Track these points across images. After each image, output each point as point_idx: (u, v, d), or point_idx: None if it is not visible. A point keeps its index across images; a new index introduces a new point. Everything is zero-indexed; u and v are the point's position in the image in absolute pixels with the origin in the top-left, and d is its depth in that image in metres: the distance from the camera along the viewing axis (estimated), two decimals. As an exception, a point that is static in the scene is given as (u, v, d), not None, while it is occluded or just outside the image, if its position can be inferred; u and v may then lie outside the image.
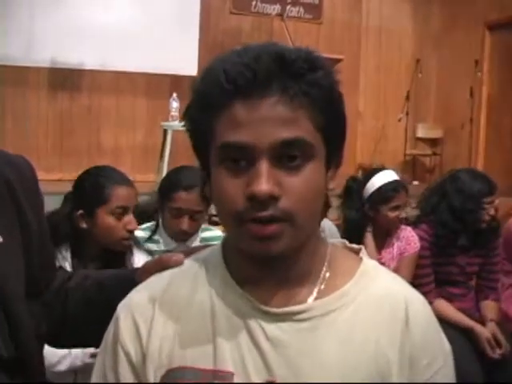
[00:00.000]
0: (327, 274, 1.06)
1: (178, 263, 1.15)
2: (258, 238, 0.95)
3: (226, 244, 1.12)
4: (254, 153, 0.94)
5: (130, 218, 2.47)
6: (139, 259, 2.59)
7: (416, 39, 9.74)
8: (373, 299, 1.04)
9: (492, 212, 3.32)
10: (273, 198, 0.93)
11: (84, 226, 2.45)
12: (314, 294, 1.04)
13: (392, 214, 3.28)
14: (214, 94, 0.96)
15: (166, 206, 2.81)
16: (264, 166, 0.93)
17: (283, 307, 1.01)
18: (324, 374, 0.98)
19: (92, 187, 2.47)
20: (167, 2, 8.06)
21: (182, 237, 2.83)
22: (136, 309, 1.07)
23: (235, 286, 1.05)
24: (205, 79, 0.99)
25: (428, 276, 3.31)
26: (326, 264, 1.07)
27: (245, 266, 1.04)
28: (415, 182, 8.96)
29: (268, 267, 1.02)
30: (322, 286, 1.05)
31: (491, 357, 3.11)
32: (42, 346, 1.24)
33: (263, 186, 0.92)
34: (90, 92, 8.02)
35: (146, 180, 7.30)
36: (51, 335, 1.33)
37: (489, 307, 3.43)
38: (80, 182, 2.54)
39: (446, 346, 1.08)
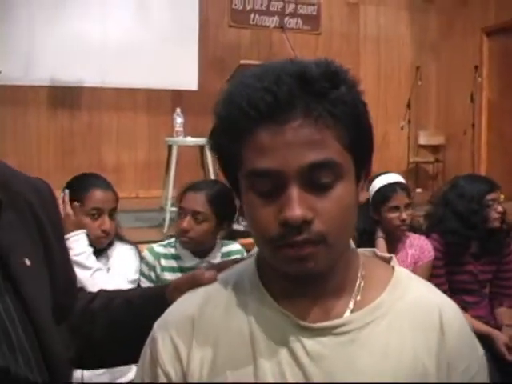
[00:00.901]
0: (362, 285, 1.06)
1: (211, 280, 1.14)
2: (294, 260, 0.95)
3: (259, 259, 1.11)
4: (283, 178, 0.93)
5: (104, 219, 2.73)
6: (120, 250, 2.87)
7: (414, 47, 9.77)
8: (407, 308, 1.04)
9: (499, 209, 3.33)
10: (306, 222, 0.92)
11: None
12: (351, 306, 1.03)
13: (392, 215, 3.24)
14: (237, 120, 0.94)
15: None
16: (295, 191, 0.92)
17: (321, 321, 1.01)
18: None
19: (72, 190, 2.72)
20: (165, 17, 8.08)
21: (183, 238, 2.82)
22: (174, 329, 1.06)
23: (272, 302, 1.04)
24: (226, 104, 0.98)
25: (442, 285, 3.29)
26: (359, 275, 1.07)
27: (281, 281, 1.03)
28: (418, 190, 8.96)
29: (304, 282, 1.01)
30: (358, 298, 1.04)
31: (509, 361, 3.10)
32: (71, 370, 1.22)
33: (296, 211, 0.91)
34: (90, 109, 8.04)
35: (150, 196, 7.33)
36: (77, 358, 1.30)
37: (504, 313, 3.42)
38: (66, 186, 2.78)
39: (480, 350, 1.08)
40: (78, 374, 2.36)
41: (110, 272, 2.74)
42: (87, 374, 2.50)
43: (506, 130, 8.46)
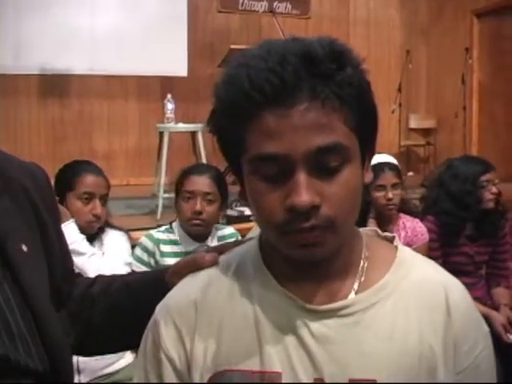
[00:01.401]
0: (366, 266, 1.04)
1: (212, 263, 1.12)
2: (301, 246, 0.93)
3: (262, 242, 1.09)
4: (290, 163, 0.90)
5: (95, 203, 2.76)
6: (112, 236, 2.92)
7: (404, 30, 9.76)
8: (412, 288, 1.03)
9: (493, 190, 3.32)
10: (314, 208, 0.90)
11: None
12: (355, 287, 1.02)
13: (378, 194, 3.22)
14: (240, 104, 0.91)
15: (180, 196, 2.91)
16: (302, 177, 0.90)
17: (326, 304, 1.00)
18: (371, 367, 0.96)
19: (64, 175, 2.78)
20: (154, 3, 8.04)
21: (196, 221, 2.85)
22: (176, 313, 1.05)
23: (277, 285, 1.02)
24: (228, 86, 0.94)
25: None
26: (363, 256, 1.05)
27: (285, 265, 1.02)
28: (410, 173, 8.96)
29: (309, 265, 1.00)
30: (362, 279, 1.03)
31: (506, 341, 3.13)
32: (71, 356, 1.21)
33: (304, 197, 0.89)
34: (81, 97, 8.01)
35: (142, 183, 7.31)
36: (77, 344, 1.30)
37: (501, 294, 3.44)
38: (58, 173, 2.85)
39: (485, 327, 1.08)
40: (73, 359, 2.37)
41: (105, 256, 2.77)
42: (82, 360, 2.50)
43: (497, 112, 8.47)
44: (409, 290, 1.03)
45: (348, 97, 0.91)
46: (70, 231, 2.61)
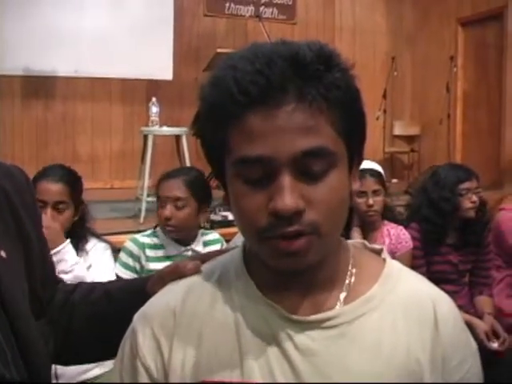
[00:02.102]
0: (352, 279, 1.02)
1: (194, 271, 1.09)
2: (284, 254, 0.90)
3: (246, 251, 1.06)
4: (274, 166, 0.87)
5: (46, 211, 2.60)
6: (95, 246, 2.82)
7: (390, 37, 9.80)
8: (400, 302, 1.01)
9: (473, 199, 3.30)
10: (298, 213, 0.87)
11: None
12: (341, 299, 0.99)
13: (359, 200, 3.19)
14: (225, 106, 0.88)
15: (158, 202, 2.90)
16: (286, 180, 0.87)
17: (310, 315, 0.97)
18: (355, 380, 0.94)
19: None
20: (140, 6, 8.02)
21: (168, 227, 2.83)
22: (155, 321, 1.02)
23: (259, 294, 1.00)
24: (214, 88, 0.92)
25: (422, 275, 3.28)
26: (350, 268, 1.03)
27: (269, 274, 0.99)
28: (394, 180, 8.97)
29: (293, 275, 0.97)
30: (349, 291, 1.00)
31: (489, 348, 3.13)
32: (50, 365, 1.18)
33: (287, 201, 0.86)
34: (65, 99, 7.96)
35: (126, 187, 7.28)
36: (56, 352, 1.27)
37: (484, 302, 3.44)
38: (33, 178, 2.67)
39: (473, 344, 1.06)
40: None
41: (93, 273, 2.68)
42: (60, 366, 2.47)
43: (480, 120, 8.52)
44: (396, 303, 1.01)
45: (335, 99, 0.89)
46: (70, 253, 2.53)
